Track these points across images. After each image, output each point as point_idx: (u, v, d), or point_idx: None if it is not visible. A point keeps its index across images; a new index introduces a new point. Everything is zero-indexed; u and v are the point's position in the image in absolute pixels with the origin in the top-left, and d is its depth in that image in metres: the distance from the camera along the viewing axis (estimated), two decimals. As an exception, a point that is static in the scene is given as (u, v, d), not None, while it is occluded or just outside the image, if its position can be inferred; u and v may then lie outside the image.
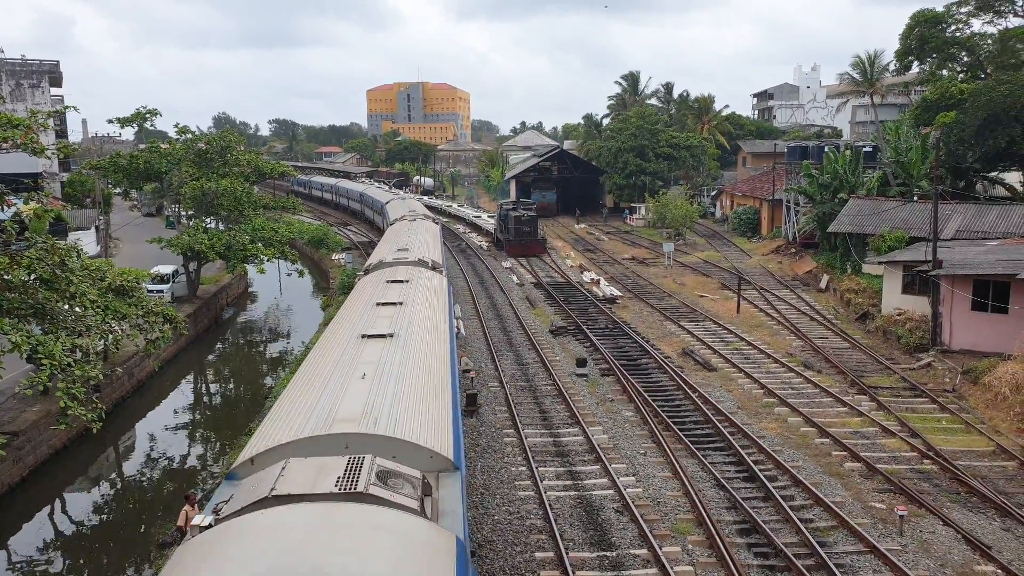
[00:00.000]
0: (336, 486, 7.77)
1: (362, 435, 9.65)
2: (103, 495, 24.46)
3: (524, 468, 20.00)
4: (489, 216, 72.90)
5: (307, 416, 10.38)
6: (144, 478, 25.47)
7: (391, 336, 14.48)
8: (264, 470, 8.72)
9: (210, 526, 7.76)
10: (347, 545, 6.59)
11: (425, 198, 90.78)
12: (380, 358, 13.00)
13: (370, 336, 14.45)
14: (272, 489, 7.72)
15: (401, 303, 17.50)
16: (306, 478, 7.98)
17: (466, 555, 7.54)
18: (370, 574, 6.29)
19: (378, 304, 17.42)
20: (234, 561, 6.38)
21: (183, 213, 48.56)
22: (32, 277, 20.80)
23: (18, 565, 19.89)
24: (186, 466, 26.20)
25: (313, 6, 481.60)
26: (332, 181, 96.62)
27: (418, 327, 15.65)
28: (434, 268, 25.13)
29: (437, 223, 45.84)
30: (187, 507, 16.17)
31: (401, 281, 20.52)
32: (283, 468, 8.27)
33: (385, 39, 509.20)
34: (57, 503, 23.52)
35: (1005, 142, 40.73)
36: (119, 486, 25.24)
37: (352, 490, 7.71)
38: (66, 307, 21.64)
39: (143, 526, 21.89)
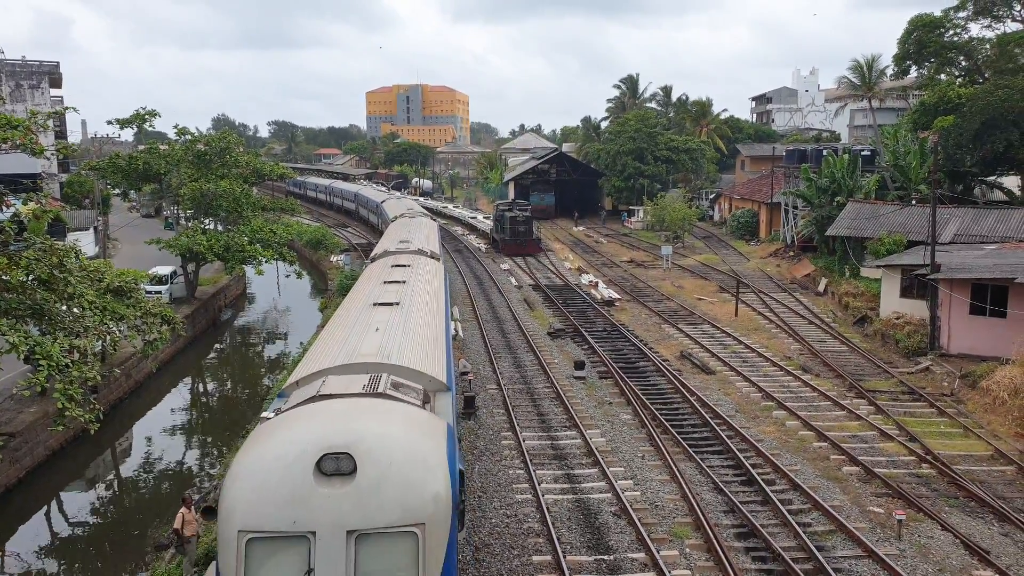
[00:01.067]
0: (363, 389, 11.44)
1: (379, 363, 13.06)
2: (100, 497, 24.40)
3: (522, 471, 19.97)
4: (484, 217, 74.21)
5: (336, 354, 13.86)
6: (141, 480, 25.43)
7: (397, 304, 17.84)
8: (308, 384, 12.40)
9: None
10: (373, 417, 10.16)
11: (422, 199, 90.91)
12: (389, 319, 16.32)
13: (380, 304, 17.87)
14: (318, 391, 11.43)
15: (404, 282, 20.91)
16: (341, 386, 11.64)
17: (454, 437, 10.93)
18: (389, 431, 9.76)
19: (385, 283, 20.99)
20: (300, 427, 9.81)
21: (182, 214, 48.52)
22: (30, 278, 20.77)
23: (15, 567, 19.83)
24: (183, 468, 26.14)
25: (310, 8, 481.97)
26: (326, 182, 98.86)
27: (418, 299, 19.22)
28: (432, 256, 29.06)
29: (435, 220, 50.40)
30: (183, 509, 16.12)
31: (404, 266, 24.18)
32: (323, 381, 12.09)
33: (382, 41, 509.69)
34: (54, 505, 23.48)
35: (1003, 146, 40.82)
36: (116, 488, 25.20)
37: (374, 391, 11.36)
38: (64, 308, 21.60)
39: (140, 528, 21.83)
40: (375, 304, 17.79)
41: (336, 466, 9.20)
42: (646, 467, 20.20)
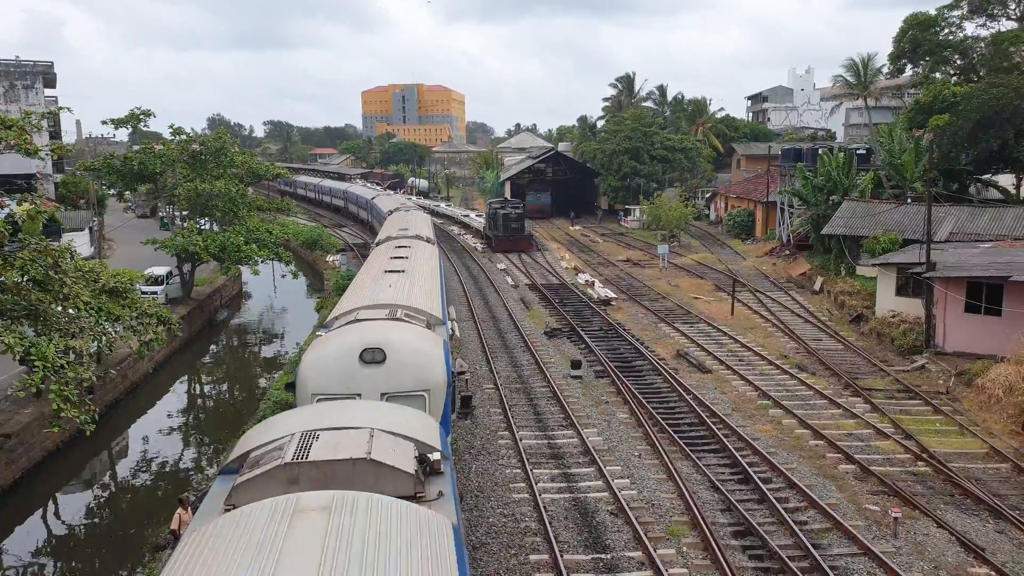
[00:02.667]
0: (386, 316, 17.14)
1: (395, 304, 18.39)
2: (96, 498, 24.35)
3: (519, 471, 19.98)
4: (477, 215, 75.56)
5: (363, 299, 19.14)
6: (137, 481, 25.38)
7: (403, 271, 23.16)
8: (346, 316, 17.83)
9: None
10: (395, 330, 15.74)
11: (414, 198, 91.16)
12: (397, 281, 21.63)
13: (389, 271, 23.04)
14: (355, 318, 17.18)
15: (407, 258, 26.17)
16: (370, 315, 17.27)
17: (448, 346, 16.82)
18: (406, 338, 15.25)
19: (391, 258, 26.06)
20: (347, 334, 15.44)
21: (177, 214, 48.42)
22: (25, 278, 20.73)
23: (11, 568, 19.78)
24: (180, 469, 26.10)
25: (302, 8, 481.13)
26: (316, 180, 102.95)
27: (418, 268, 24.89)
28: (428, 241, 34.83)
29: (427, 213, 58.40)
30: (180, 510, 16.11)
31: (405, 247, 29.32)
32: (357, 313, 17.59)
33: (375, 41, 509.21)
34: (50, 506, 23.42)
35: (997, 145, 40.92)
36: (112, 489, 25.15)
37: (394, 317, 17.17)
38: (59, 309, 21.57)
39: (137, 529, 21.79)
40: (386, 271, 23.10)
41: (372, 356, 14.59)
42: (643, 466, 20.22)
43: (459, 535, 8.43)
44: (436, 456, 10.11)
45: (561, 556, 15.61)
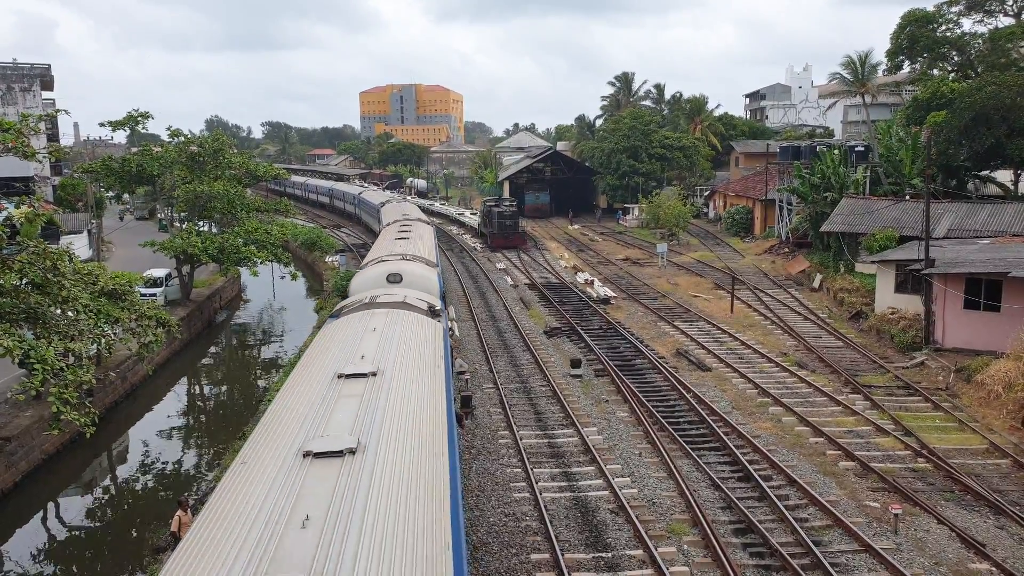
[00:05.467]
0: (400, 258, 26.60)
1: (404, 253, 27.85)
2: (96, 500, 24.33)
3: (519, 470, 19.99)
4: (472, 213, 77.66)
5: (383, 253, 28.68)
6: (137, 483, 25.36)
7: (408, 238, 33.46)
8: (372, 261, 27.46)
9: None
10: (407, 264, 25.08)
11: (410, 199, 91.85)
12: (405, 244, 31.24)
13: (398, 238, 33.49)
14: (379, 259, 27.20)
15: (408, 238, 33.83)
16: (390, 257, 27.12)
17: (441, 276, 28.25)
18: (415, 268, 24.53)
19: (397, 237, 34.38)
20: (377, 267, 24.88)
21: (176, 216, 48.39)
22: (24, 281, 20.70)
23: (11, 572, 19.76)
24: (180, 471, 26.08)
25: (293, 9, 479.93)
26: (302, 179, 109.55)
27: (417, 242, 33.25)
28: (427, 223, 45.95)
29: (415, 203, 70.37)
30: (180, 512, 16.10)
31: (408, 227, 38.41)
32: (380, 258, 27.13)
33: (367, 41, 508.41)
34: (51, 508, 23.40)
35: (994, 141, 40.93)
36: (112, 491, 25.13)
37: (405, 258, 26.66)
38: (58, 311, 21.54)
39: (137, 531, 21.79)
40: (396, 239, 33.46)
41: (395, 278, 22.71)
42: (643, 464, 20.22)
43: (446, 333, 18.71)
44: (438, 307, 21.01)
45: (562, 555, 15.61)
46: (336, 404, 11.23)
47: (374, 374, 12.41)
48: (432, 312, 19.18)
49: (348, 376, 12.28)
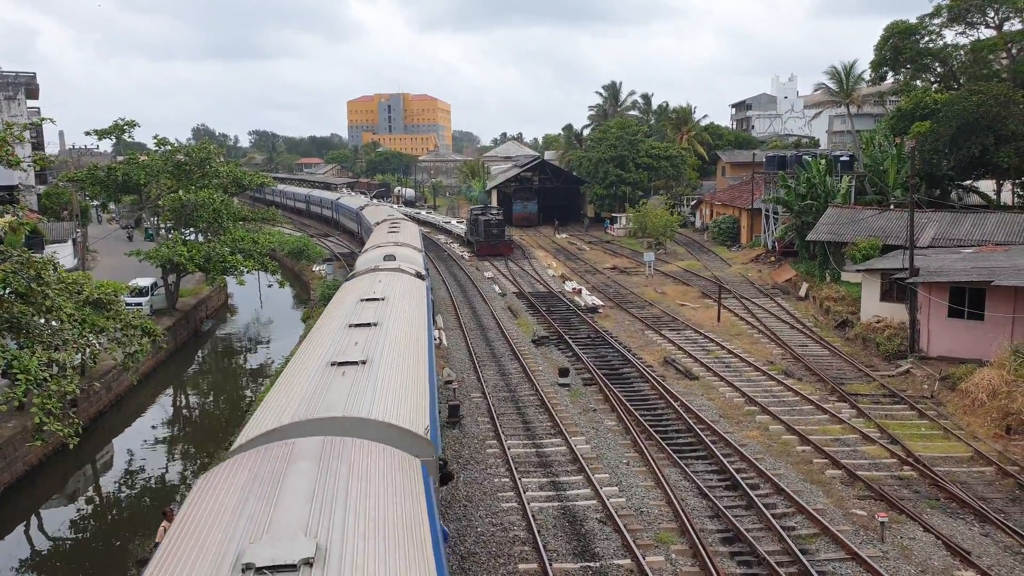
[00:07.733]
0: (393, 245, 33.83)
1: (396, 242, 35.05)
2: (80, 511, 24.08)
3: (507, 479, 19.94)
4: (458, 221, 78.92)
5: (379, 242, 36.84)
6: (122, 494, 25.13)
7: (398, 232, 40.61)
8: (370, 247, 36.35)
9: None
10: (398, 249, 32.10)
11: (395, 207, 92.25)
12: (395, 238, 37.24)
13: (390, 233, 40.15)
14: (376, 245, 35.71)
15: (398, 232, 40.56)
16: (385, 244, 34.73)
17: (426, 254, 39.26)
18: (404, 252, 31.69)
19: (389, 231, 41.83)
20: (375, 250, 32.73)
21: (162, 225, 48.15)
22: (7, 291, 20.54)
23: (-7, 584, 19.53)
24: (165, 481, 25.87)
25: (275, 18, 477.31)
26: (281, 187, 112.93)
27: (406, 233, 40.84)
28: (411, 221, 54.94)
29: (394, 206, 79.14)
30: (165, 523, 15.94)
31: (396, 227, 43.75)
32: (377, 244, 35.62)
33: (352, 51, 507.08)
34: (33, 520, 23.13)
35: (978, 151, 41.36)
36: (97, 502, 24.88)
37: (397, 245, 33.75)
38: (42, 321, 21.38)
39: (122, 542, 21.56)
40: (388, 232, 41.22)
41: (389, 260, 27.87)
42: (631, 473, 20.23)
43: (429, 290, 26.20)
44: (424, 273, 28.21)
45: (550, 564, 15.58)
46: (361, 314, 17.19)
47: (383, 299, 19.12)
48: (418, 276, 26.60)
49: (367, 300, 18.86)
